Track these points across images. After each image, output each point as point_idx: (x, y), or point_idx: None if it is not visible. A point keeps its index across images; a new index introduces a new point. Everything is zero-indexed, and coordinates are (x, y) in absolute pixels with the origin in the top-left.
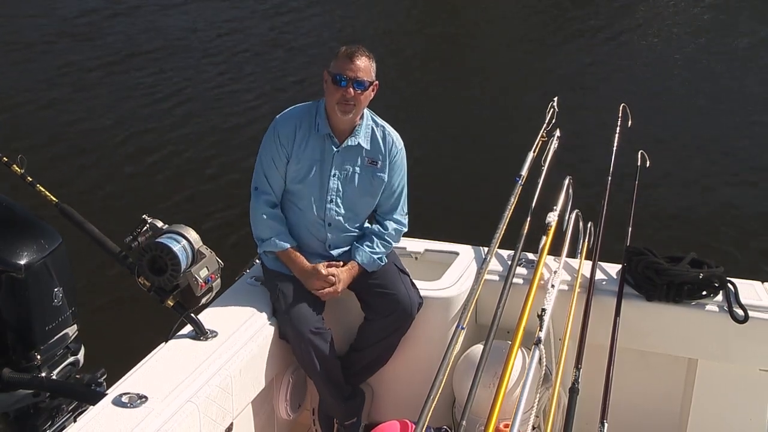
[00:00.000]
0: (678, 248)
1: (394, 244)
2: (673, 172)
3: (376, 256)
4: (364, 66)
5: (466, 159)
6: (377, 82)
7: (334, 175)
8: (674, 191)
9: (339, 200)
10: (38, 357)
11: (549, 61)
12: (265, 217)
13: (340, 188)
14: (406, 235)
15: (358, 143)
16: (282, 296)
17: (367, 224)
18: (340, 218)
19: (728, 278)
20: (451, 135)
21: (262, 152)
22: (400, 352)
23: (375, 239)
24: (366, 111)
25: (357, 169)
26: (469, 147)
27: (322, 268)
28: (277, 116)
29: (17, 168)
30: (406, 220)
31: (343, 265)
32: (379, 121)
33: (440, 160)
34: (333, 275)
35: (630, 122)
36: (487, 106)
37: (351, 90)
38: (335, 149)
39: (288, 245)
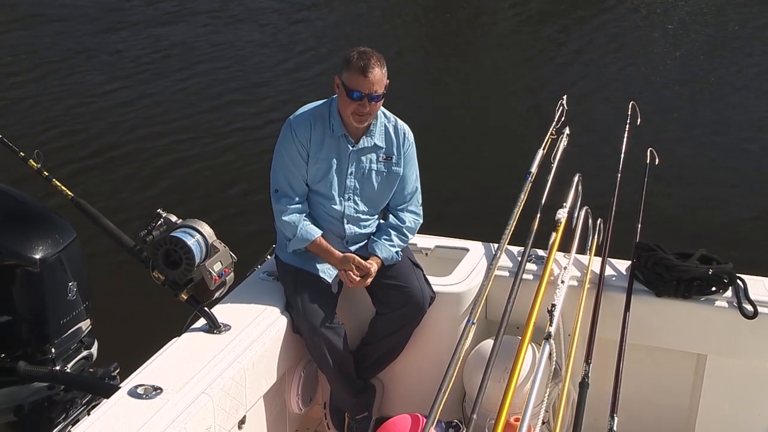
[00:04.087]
0: (687, 244)
1: (411, 237)
2: (682, 168)
3: (394, 250)
4: (378, 78)
5: (477, 156)
6: (388, 80)
7: (351, 174)
8: (683, 188)
9: (357, 197)
10: (52, 350)
11: (559, 59)
12: (287, 217)
13: (358, 186)
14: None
15: (374, 143)
16: (296, 291)
17: (382, 219)
18: (359, 214)
19: (737, 274)
20: (461, 132)
21: (278, 154)
22: (411, 347)
23: (392, 233)
24: None
25: (373, 165)
26: (479, 144)
27: (355, 257)
28: (291, 117)
29: (33, 163)
30: (421, 212)
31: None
32: (390, 115)
33: (450, 158)
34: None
35: (639, 120)
36: (497, 103)
37: (367, 105)
38: (351, 148)
39: (316, 235)
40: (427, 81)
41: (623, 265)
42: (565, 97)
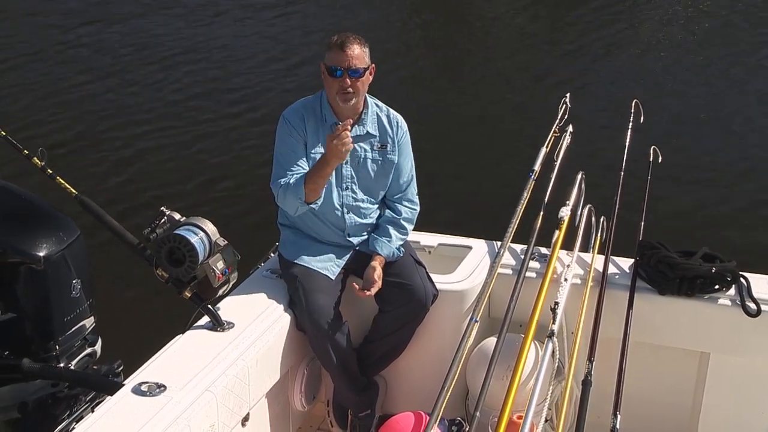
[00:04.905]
0: (690, 242)
1: (411, 228)
2: (686, 167)
3: (394, 246)
4: (357, 53)
5: (480, 154)
6: (373, 65)
7: (347, 163)
8: (686, 186)
9: (354, 186)
10: (57, 348)
11: (562, 56)
12: (283, 180)
13: (354, 175)
14: (419, 229)
15: (367, 131)
16: (299, 288)
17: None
18: (358, 203)
19: (741, 272)
20: (464, 131)
21: (278, 147)
22: (414, 344)
23: (391, 229)
24: (368, 97)
25: (368, 154)
26: (482, 142)
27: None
28: (284, 111)
29: (37, 161)
30: (417, 200)
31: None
32: (382, 105)
33: (453, 156)
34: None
35: (642, 118)
36: (500, 101)
37: (348, 80)
38: None
39: (303, 174)
40: (430, 79)
41: (626, 263)
42: (568, 95)
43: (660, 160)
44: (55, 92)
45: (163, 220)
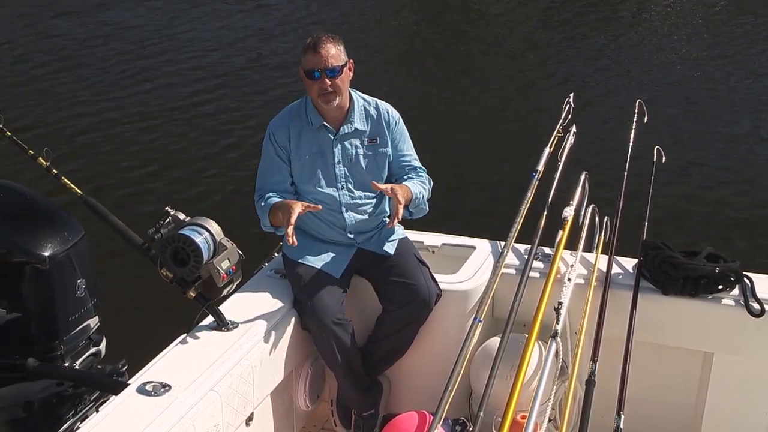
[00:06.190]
0: (694, 243)
1: (430, 187)
2: (689, 167)
3: (418, 189)
4: (333, 53)
5: (483, 155)
6: (351, 60)
7: (339, 162)
8: (690, 186)
9: (350, 185)
10: (61, 347)
11: (565, 56)
12: (263, 202)
13: (348, 173)
14: (423, 229)
15: (355, 128)
16: (304, 287)
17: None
18: (356, 201)
19: (744, 272)
20: (468, 131)
21: (262, 159)
22: (418, 344)
23: (414, 178)
24: (353, 93)
25: (359, 150)
26: (485, 143)
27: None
28: (270, 122)
29: (43, 161)
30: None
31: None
32: (369, 98)
33: (457, 156)
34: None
35: (646, 118)
36: (504, 102)
37: (326, 80)
38: (332, 137)
39: (274, 200)
40: (434, 79)
41: (630, 263)
42: (572, 95)
43: (664, 161)
44: (31, 84)
45: (167, 219)
